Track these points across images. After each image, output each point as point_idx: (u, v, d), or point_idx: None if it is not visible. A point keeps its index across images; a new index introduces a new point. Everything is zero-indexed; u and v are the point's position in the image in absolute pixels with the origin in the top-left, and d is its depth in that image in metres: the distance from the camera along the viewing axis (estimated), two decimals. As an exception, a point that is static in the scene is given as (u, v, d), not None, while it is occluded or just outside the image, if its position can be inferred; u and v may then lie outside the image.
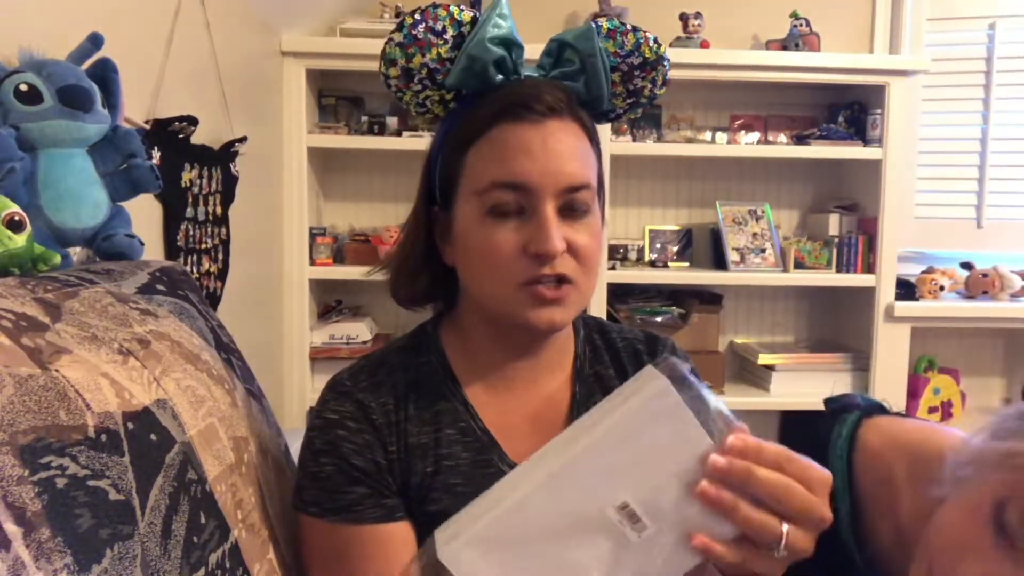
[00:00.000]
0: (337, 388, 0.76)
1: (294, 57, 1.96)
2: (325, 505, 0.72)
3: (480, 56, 0.72)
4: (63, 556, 0.44)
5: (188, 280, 0.83)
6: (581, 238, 0.71)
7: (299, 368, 2.03)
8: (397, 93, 0.78)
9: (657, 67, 0.79)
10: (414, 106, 0.78)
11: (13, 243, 0.62)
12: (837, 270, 2.17)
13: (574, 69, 0.75)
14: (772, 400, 2.18)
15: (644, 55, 0.78)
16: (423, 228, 0.79)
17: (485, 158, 0.71)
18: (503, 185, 0.69)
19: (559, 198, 0.70)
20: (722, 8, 2.31)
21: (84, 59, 0.79)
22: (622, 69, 0.78)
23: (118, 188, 0.80)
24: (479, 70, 0.73)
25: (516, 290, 0.70)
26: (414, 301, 0.82)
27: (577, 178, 0.70)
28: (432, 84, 0.76)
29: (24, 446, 0.45)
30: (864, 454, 0.70)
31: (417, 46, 0.73)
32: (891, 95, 2.10)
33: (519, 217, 0.70)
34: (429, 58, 0.74)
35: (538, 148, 0.69)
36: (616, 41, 0.77)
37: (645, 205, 2.36)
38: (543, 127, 0.70)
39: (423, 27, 0.73)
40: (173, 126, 1.23)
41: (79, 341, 0.56)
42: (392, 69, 0.75)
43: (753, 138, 2.27)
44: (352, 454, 0.73)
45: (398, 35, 0.74)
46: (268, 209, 1.88)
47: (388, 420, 0.75)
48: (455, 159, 0.74)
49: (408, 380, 0.77)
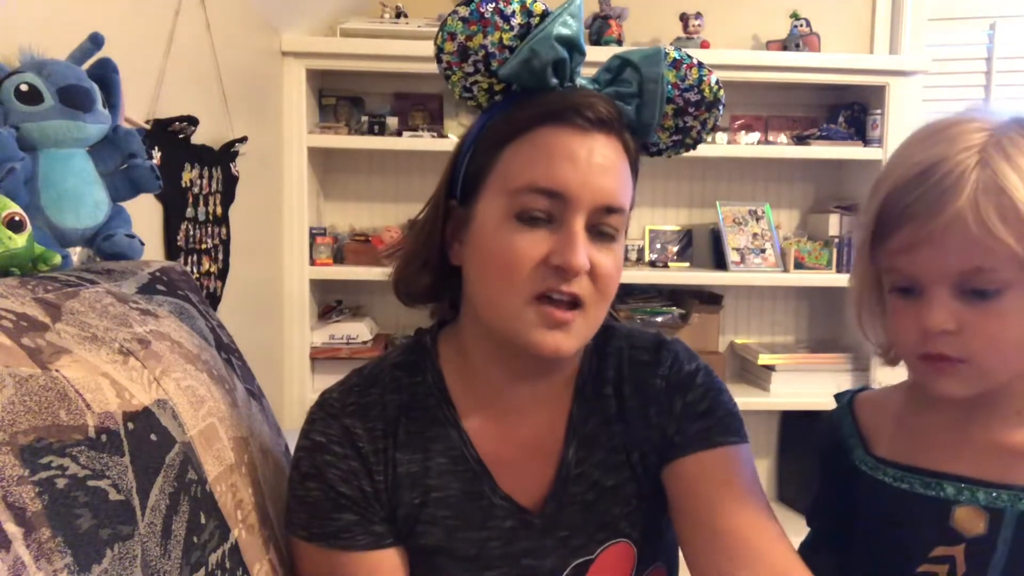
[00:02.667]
0: (325, 407, 0.74)
1: (294, 57, 1.96)
2: (313, 529, 0.71)
3: (542, 52, 0.68)
4: (63, 556, 0.44)
5: (188, 280, 0.83)
6: (604, 262, 0.68)
7: (299, 368, 2.03)
8: (447, 71, 0.73)
9: (712, 109, 0.76)
10: (459, 89, 0.74)
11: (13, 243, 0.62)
12: (837, 270, 2.17)
13: (630, 91, 0.72)
14: (772, 400, 2.18)
15: (703, 93, 0.74)
16: (440, 220, 0.74)
17: (524, 157, 0.67)
18: (540, 190, 0.66)
19: (592, 215, 0.67)
20: (722, 8, 2.31)
21: (84, 59, 0.79)
22: (678, 103, 0.74)
23: (118, 188, 0.80)
24: (537, 67, 0.69)
25: (526, 304, 0.66)
26: (413, 297, 0.79)
27: (615, 198, 0.67)
28: (485, 70, 0.71)
29: (24, 446, 0.45)
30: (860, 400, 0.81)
31: (482, 25, 0.69)
32: (891, 95, 2.10)
33: (547, 226, 0.66)
34: (490, 40, 0.69)
35: (583, 158, 0.66)
36: (679, 72, 0.73)
37: (645, 205, 2.36)
38: (590, 138, 0.67)
39: (492, 7, 0.68)
40: (173, 126, 1.23)
41: (79, 341, 0.56)
42: (448, 44, 0.70)
43: (753, 138, 2.27)
44: (338, 481, 0.71)
45: (464, 9, 0.69)
46: (268, 209, 1.88)
47: (375, 447, 0.72)
48: (489, 154, 0.70)
49: (400, 403, 0.74)
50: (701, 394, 0.76)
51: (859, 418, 0.78)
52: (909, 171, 0.63)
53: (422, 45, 1.95)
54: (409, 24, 2.09)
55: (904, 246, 0.63)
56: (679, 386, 0.77)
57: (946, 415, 0.70)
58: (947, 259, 0.61)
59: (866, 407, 0.79)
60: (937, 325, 0.62)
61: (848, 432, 0.78)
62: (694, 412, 0.75)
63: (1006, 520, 0.65)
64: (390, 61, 1.99)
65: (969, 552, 0.66)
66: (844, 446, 0.77)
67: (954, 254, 0.60)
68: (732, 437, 0.75)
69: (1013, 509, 0.65)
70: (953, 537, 0.67)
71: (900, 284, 0.66)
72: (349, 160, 2.27)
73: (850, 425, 0.78)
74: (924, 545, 0.68)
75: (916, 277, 0.64)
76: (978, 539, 0.66)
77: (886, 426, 0.76)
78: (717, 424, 0.75)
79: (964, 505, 0.67)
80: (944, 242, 0.60)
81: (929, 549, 0.68)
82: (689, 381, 0.77)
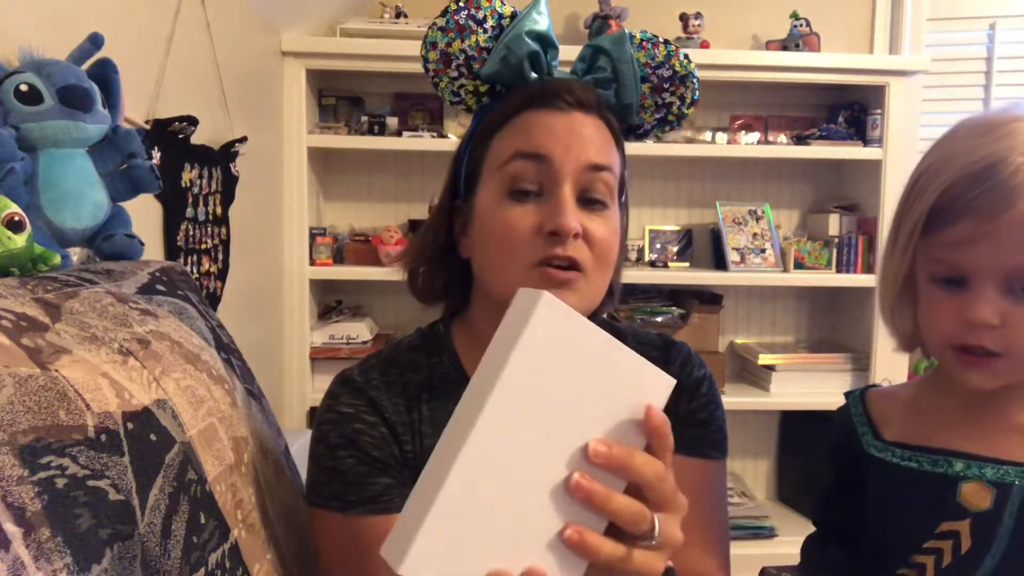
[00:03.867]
0: (349, 383, 0.76)
1: (294, 57, 1.96)
2: (349, 498, 0.71)
3: (516, 48, 0.74)
4: (63, 556, 0.44)
5: (188, 280, 0.83)
6: (597, 228, 0.70)
7: (299, 368, 2.03)
8: (434, 78, 0.79)
9: (686, 82, 0.80)
10: (449, 94, 0.80)
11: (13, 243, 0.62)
12: (837, 270, 2.17)
13: (606, 76, 0.77)
14: (772, 400, 2.18)
15: (674, 68, 0.79)
16: (445, 220, 0.79)
17: (509, 137, 0.72)
18: (525, 155, 0.70)
19: (579, 180, 0.70)
20: (722, 8, 2.31)
21: (84, 59, 0.79)
22: (652, 81, 0.79)
23: (118, 188, 0.80)
24: (514, 63, 0.74)
25: (528, 271, 0.69)
26: (430, 295, 0.82)
27: (599, 156, 0.71)
28: (468, 73, 0.77)
29: (24, 446, 0.45)
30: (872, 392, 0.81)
31: (457, 31, 0.76)
32: (891, 95, 2.10)
33: (538, 198, 0.70)
34: (468, 44, 0.76)
35: (562, 130, 0.70)
36: (648, 52, 0.78)
37: (645, 205, 2.36)
38: (569, 116, 0.71)
39: (465, 13, 0.76)
40: (173, 126, 1.23)
41: (79, 341, 0.56)
42: (432, 52, 0.77)
43: (753, 138, 2.27)
44: (371, 447, 0.72)
45: (440, 19, 0.76)
46: (268, 209, 1.88)
47: (402, 419, 0.74)
48: (481, 147, 0.75)
49: (420, 381, 0.77)
50: (703, 404, 0.82)
51: (870, 408, 0.79)
52: (971, 166, 0.64)
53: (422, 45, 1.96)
54: (409, 24, 2.09)
55: (962, 240, 0.64)
56: (686, 389, 0.81)
57: (960, 399, 0.71)
58: (1005, 256, 0.62)
59: (877, 398, 0.80)
60: (984, 319, 0.63)
61: (859, 420, 0.79)
62: (694, 419, 0.81)
63: (1013, 495, 0.66)
64: (390, 61, 1.99)
65: (975, 527, 0.67)
66: (854, 434, 0.78)
67: (1013, 252, 0.62)
68: (717, 452, 0.82)
69: (1021, 484, 0.66)
70: (959, 512, 0.68)
71: (945, 275, 0.67)
72: (349, 160, 2.27)
73: (861, 414, 0.79)
74: (931, 521, 0.69)
75: (966, 270, 0.65)
76: (984, 513, 0.67)
77: (896, 413, 0.77)
78: (709, 436, 0.81)
79: (971, 480, 0.68)
80: (1005, 239, 0.62)
81: (936, 525, 0.69)
82: (696, 387, 0.82)
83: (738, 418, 2.39)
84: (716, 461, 0.81)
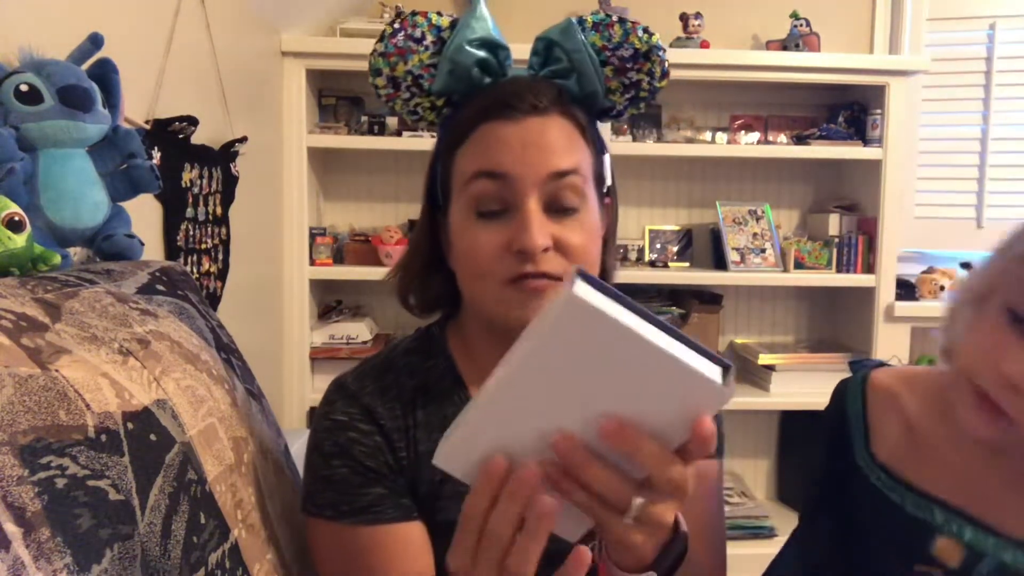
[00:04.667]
0: (343, 391, 0.75)
1: (294, 57, 1.96)
2: (341, 507, 0.71)
3: (460, 60, 0.72)
4: (63, 556, 0.44)
5: (188, 280, 0.83)
6: (571, 236, 0.69)
7: (299, 368, 2.03)
8: (388, 102, 0.78)
9: (651, 57, 0.76)
10: (407, 113, 0.79)
11: (13, 243, 0.62)
12: (837, 270, 2.17)
13: (564, 67, 0.74)
14: (772, 400, 2.18)
15: (635, 46, 0.75)
16: (428, 233, 0.78)
17: (468, 156, 0.71)
18: (483, 174, 0.69)
19: (543, 191, 0.68)
20: (722, 8, 2.31)
21: (84, 59, 0.79)
22: (613, 63, 0.76)
23: (118, 188, 0.80)
24: (462, 74, 0.73)
25: (503, 288, 0.69)
26: (424, 308, 0.81)
27: (559, 163, 0.68)
28: (420, 91, 0.76)
29: (24, 446, 0.45)
30: (875, 386, 0.79)
31: (399, 54, 0.75)
32: (891, 95, 2.10)
33: (504, 215, 0.69)
34: (412, 65, 0.75)
35: (517, 143, 0.68)
36: (603, 34, 0.75)
37: (645, 205, 2.36)
38: (524, 125, 0.69)
39: (402, 35, 0.74)
40: (173, 126, 1.23)
41: (79, 341, 0.56)
42: (378, 79, 0.77)
43: (753, 138, 2.27)
44: (365, 456, 0.72)
45: (379, 45, 0.75)
46: (268, 209, 1.88)
47: (397, 426, 0.74)
48: (447, 163, 0.74)
49: (415, 385, 0.77)
50: None
51: (869, 406, 0.77)
52: None
53: (422, 45, 1.96)
54: (409, 24, 2.09)
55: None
56: None
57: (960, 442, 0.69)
58: None
59: (879, 398, 0.78)
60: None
61: (855, 416, 0.77)
62: None
63: (983, 564, 0.64)
64: (390, 61, 1.98)
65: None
66: (847, 429, 0.77)
67: None
68: (717, 454, 0.83)
69: (993, 557, 0.64)
70: (932, 561, 0.67)
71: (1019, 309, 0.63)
72: (349, 160, 2.27)
73: (858, 411, 0.77)
74: (905, 559, 0.69)
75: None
76: (955, 571, 0.66)
77: (893, 428, 0.75)
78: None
79: (947, 536, 0.66)
80: None
81: (910, 565, 0.68)
82: None
83: (738, 418, 2.39)
84: (717, 462, 0.83)
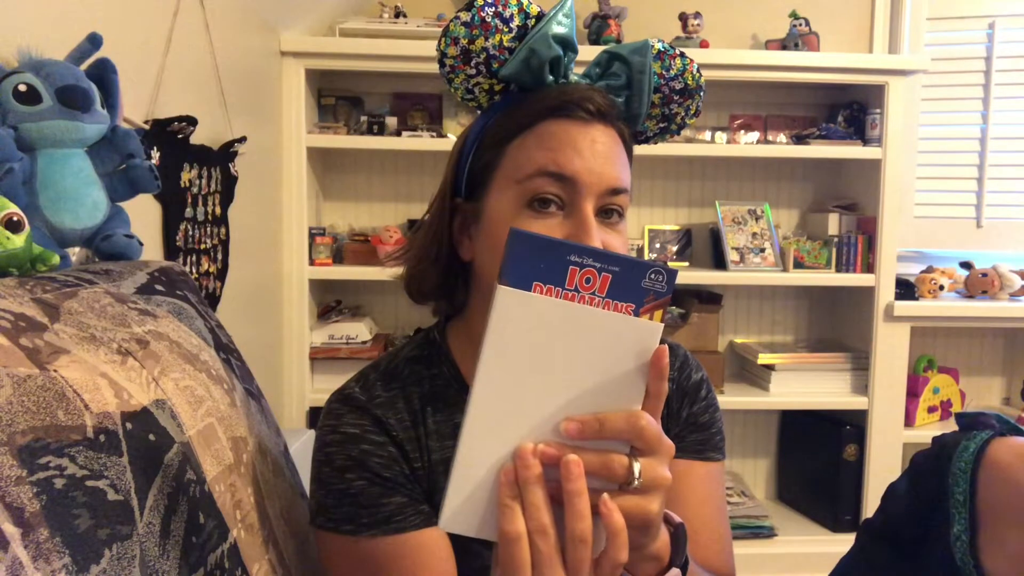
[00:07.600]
0: (351, 401, 0.74)
1: (294, 57, 1.96)
2: (363, 520, 0.70)
3: (540, 51, 0.72)
4: (61, 556, 0.44)
5: (187, 280, 0.83)
6: (615, 242, 0.71)
7: (298, 368, 2.03)
8: (449, 74, 0.76)
9: (695, 96, 0.80)
10: (462, 91, 0.77)
11: (12, 243, 0.62)
12: (837, 270, 2.17)
13: (620, 83, 0.76)
14: (772, 400, 2.18)
15: (686, 81, 0.79)
16: (446, 219, 0.77)
17: (531, 148, 0.70)
18: (550, 174, 0.69)
19: (599, 199, 0.70)
20: (721, 8, 2.31)
21: (83, 59, 0.79)
22: (663, 91, 0.79)
23: (117, 188, 0.80)
24: (536, 66, 0.73)
25: None
26: (425, 295, 0.80)
27: (619, 181, 0.70)
28: (487, 71, 0.75)
29: (22, 446, 0.45)
30: (992, 468, 0.64)
31: (483, 28, 0.73)
32: (890, 95, 2.10)
33: (559, 212, 0.69)
34: (491, 43, 0.73)
35: (586, 147, 0.70)
36: (664, 63, 0.78)
37: (645, 205, 2.36)
38: (591, 128, 0.71)
39: (492, 11, 0.73)
40: (172, 126, 1.23)
41: (78, 341, 0.56)
42: (452, 48, 0.74)
43: (753, 138, 2.27)
44: (381, 468, 0.71)
45: (465, 15, 0.73)
46: (268, 209, 1.88)
47: (409, 436, 0.74)
48: (494, 151, 0.73)
49: (422, 394, 0.76)
50: (704, 407, 0.84)
51: (981, 492, 0.62)
52: None
53: (421, 45, 1.96)
54: (408, 24, 2.09)
55: None
56: (687, 392, 0.84)
57: None
58: None
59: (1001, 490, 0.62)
60: None
61: (958, 502, 0.63)
62: (696, 422, 0.83)
63: None
64: (389, 61, 1.99)
65: None
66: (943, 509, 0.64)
67: None
68: (718, 455, 0.84)
69: None
70: None
71: None
72: (348, 160, 2.27)
73: (964, 496, 0.63)
74: None
75: None
76: None
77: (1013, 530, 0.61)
78: (711, 439, 0.83)
79: None
80: None
81: None
82: (696, 390, 0.84)
83: (738, 418, 2.39)
84: (718, 463, 0.83)
